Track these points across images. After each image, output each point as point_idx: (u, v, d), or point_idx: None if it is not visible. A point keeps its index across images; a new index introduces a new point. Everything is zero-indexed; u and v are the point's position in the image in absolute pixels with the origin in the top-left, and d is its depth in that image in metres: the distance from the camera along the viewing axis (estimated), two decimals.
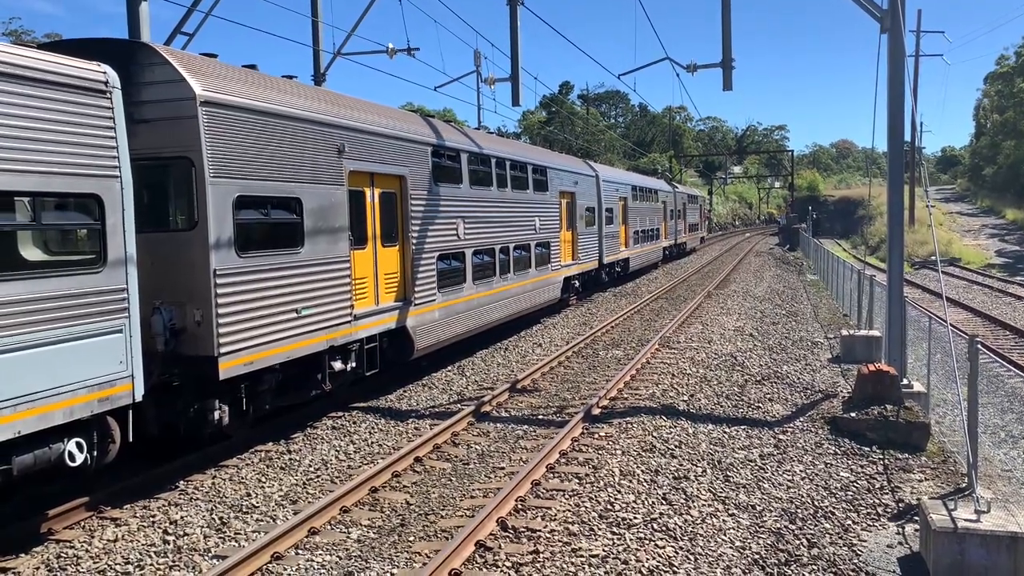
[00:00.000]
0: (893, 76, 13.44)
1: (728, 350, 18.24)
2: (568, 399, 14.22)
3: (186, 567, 7.78)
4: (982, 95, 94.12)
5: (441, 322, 16.16)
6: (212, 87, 10.17)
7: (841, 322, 22.70)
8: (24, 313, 7.41)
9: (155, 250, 9.77)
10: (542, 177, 22.88)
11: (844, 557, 7.93)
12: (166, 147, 9.98)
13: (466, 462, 10.92)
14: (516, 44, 18.75)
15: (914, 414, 11.68)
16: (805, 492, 9.63)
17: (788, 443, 11.47)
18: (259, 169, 10.84)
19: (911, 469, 10.54)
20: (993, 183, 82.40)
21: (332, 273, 12.31)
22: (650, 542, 8.08)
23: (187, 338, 9.95)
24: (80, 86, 8.06)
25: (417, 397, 14.72)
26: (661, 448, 11.10)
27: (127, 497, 9.53)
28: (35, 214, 7.71)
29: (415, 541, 8.30)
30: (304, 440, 11.96)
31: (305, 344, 11.66)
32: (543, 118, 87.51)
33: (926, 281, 37.42)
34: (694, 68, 19.64)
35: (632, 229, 35.68)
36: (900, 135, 13.70)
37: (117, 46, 10.18)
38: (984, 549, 7.38)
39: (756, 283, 34.03)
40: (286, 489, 9.91)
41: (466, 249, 17.42)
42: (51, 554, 8.08)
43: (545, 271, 22.83)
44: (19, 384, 7.36)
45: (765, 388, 14.74)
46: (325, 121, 12.34)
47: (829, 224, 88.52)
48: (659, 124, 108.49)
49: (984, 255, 51.10)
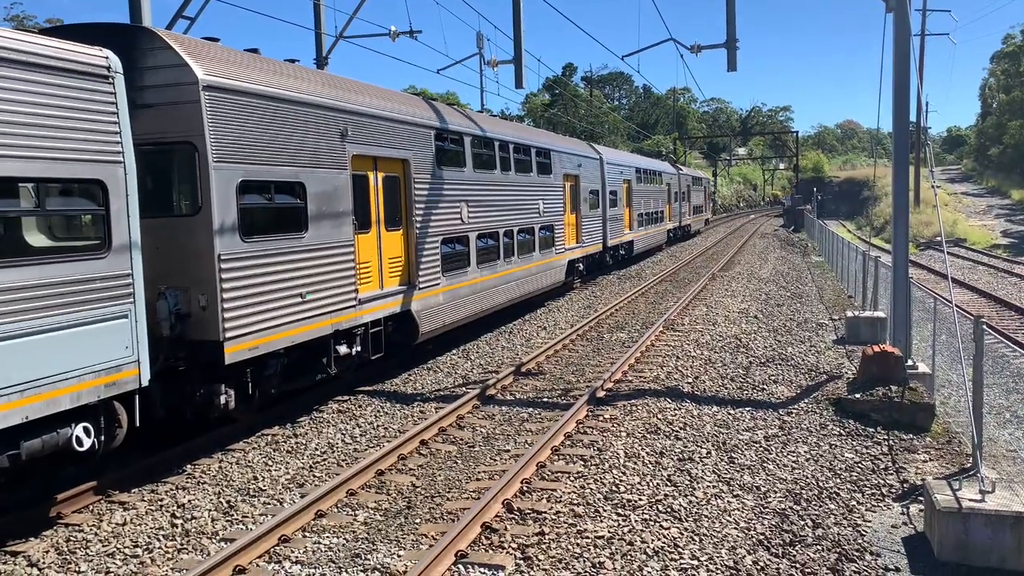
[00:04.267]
0: (898, 56, 13.35)
1: (733, 332, 18.24)
2: (573, 382, 14.25)
3: (194, 550, 7.84)
4: (988, 74, 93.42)
5: (445, 306, 16.18)
6: (214, 71, 10.14)
7: (846, 303, 22.66)
8: (30, 299, 7.44)
9: (159, 235, 9.78)
10: (546, 160, 22.81)
11: (849, 537, 7.96)
12: (169, 132, 9.97)
13: (471, 445, 10.96)
14: (519, 26, 18.66)
15: (919, 395, 11.68)
16: (810, 473, 9.65)
17: (793, 424, 11.49)
18: (262, 153, 10.83)
19: (916, 450, 10.56)
20: (999, 163, 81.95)
21: (336, 257, 12.32)
22: (655, 523, 8.11)
23: (192, 323, 9.98)
24: (82, 71, 8.04)
25: (422, 381, 14.76)
26: (666, 430, 11.12)
27: (135, 481, 9.60)
28: (39, 200, 7.72)
29: (421, 523, 8.35)
30: (310, 424, 12.01)
31: (310, 328, 11.69)
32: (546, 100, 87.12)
33: (931, 262, 37.31)
34: (698, 49, 19.52)
35: (636, 212, 35.60)
36: (905, 115, 13.62)
37: (119, 31, 10.15)
38: (989, 529, 7.40)
39: (761, 265, 33.96)
40: (293, 472, 9.96)
41: (470, 233, 17.40)
42: (60, 538, 8.15)
43: (549, 254, 22.81)
44: (26, 370, 7.39)
45: (770, 370, 14.75)
46: (328, 105, 12.31)
47: (834, 205, 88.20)
48: (663, 106, 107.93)
49: (990, 235, 50.92)
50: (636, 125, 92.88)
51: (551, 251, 22.99)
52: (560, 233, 23.82)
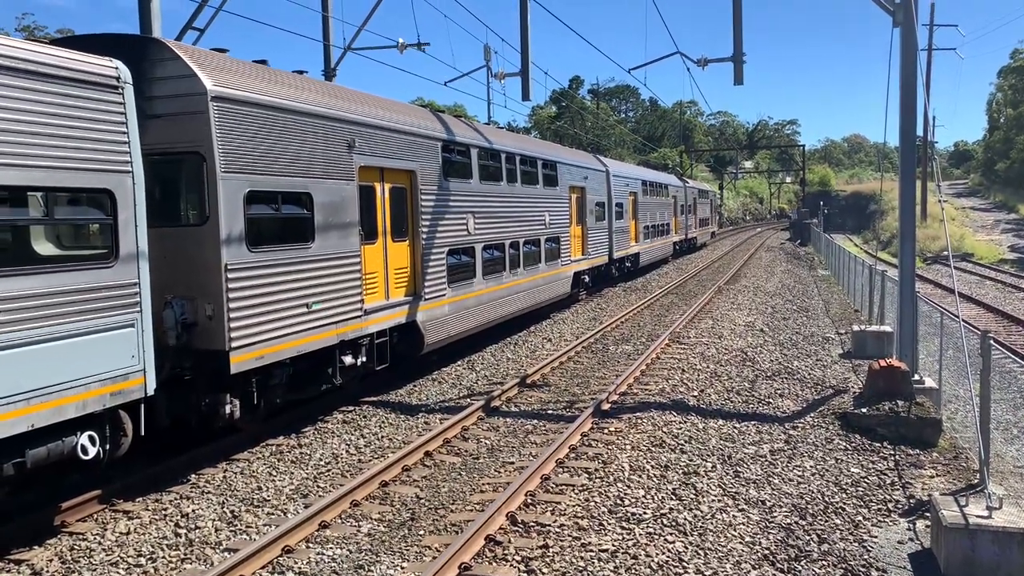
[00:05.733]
0: (906, 70, 13.37)
1: (739, 345, 18.20)
2: (578, 394, 14.22)
3: (198, 560, 7.82)
4: (995, 89, 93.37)
5: (451, 317, 16.18)
6: (223, 82, 10.19)
7: (852, 317, 22.60)
8: (37, 307, 7.47)
9: (166, 245, 9.81)
10: (552, 172, 22.86)
11: (855, 553, 7.91)
12: (177, 142, 10.02)
13: (476, 456, 10.94)
14: (526, 38, 18.73)
15: (925, 410, 11.63)
16: (815, 488, 9.60)
17: (799, 438, 11.44)
18: (270, 164, 10.88)
19: (922, 465, 10.50)
20: (1006, 178, 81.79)
21: (342, 268, 12.34)
22: (660, 537, 8.08)
23: (198, 332, 10.00)
24: (92, 81, 8.09)
25: (427, 392, 14.75)
26: (671, 443, 11.09)
27: (139, 490, 9.60)
28: (48, 209, 7.75)
29: (425, 535, 8.33)
30: (314, 434, 12.00)
31: (315, 339, 11.70)
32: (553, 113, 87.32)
33: (938, 276, 37.20)
34: (705, 62, 19.58)
35: (642, 224, 35.61)
36: (912, 130, 13.62)
37: (129, 42, 10.22)
38: (996, 545, 7.35)
39: (767, 278, 33.91)
40: (297, 482, 9.95)
41: (476, 244, 17.42)
42: (64, 546, 8.15)
43: (555, 266, 22.82)
44: (33, 378, 7.41)
45: (776, 384, 14.70)
46: (335, 116, 12.36)
47: (841, 219, 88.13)
48: (670, 119, 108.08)
49: (997, 250, 50.77)
50: (642, 138, 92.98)
51: (557, 263, 22.99)
52: (566, 245, 23.83)
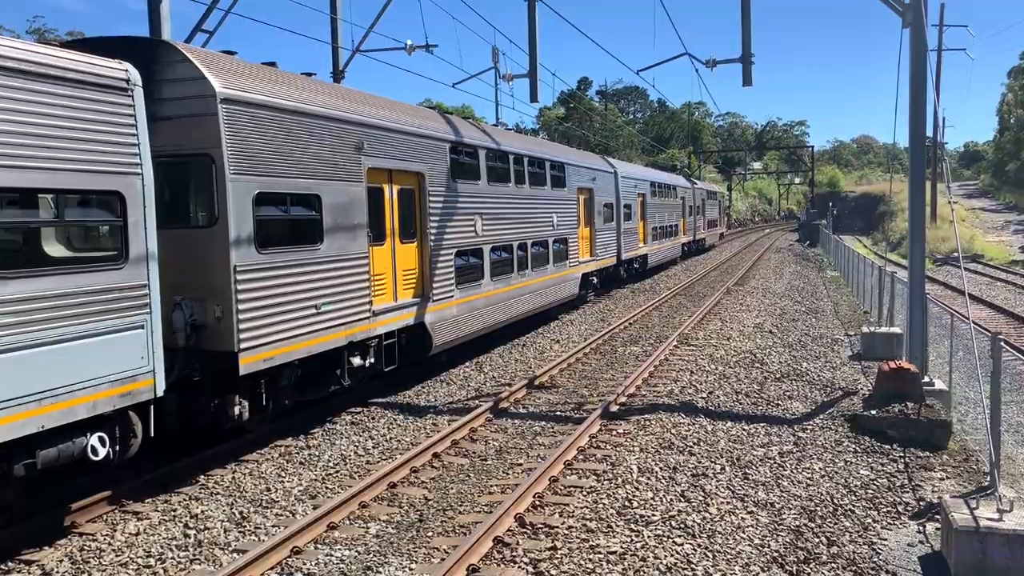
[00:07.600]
0: (915, 71, 13.32)
1: (747, 347, 18.15)
2: (586, 396, 14.21)
3: (207, 561, 7.85)
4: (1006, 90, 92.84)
5: (459, 318, 16.19)
6: (232, 84, 10.23)
7: (862, 319, 22.52)
8: (48, 309, 7.50)
9: (176, 246, 9.84)
10: (560, 173, 22.85)
11: (864, 556, 7.88)
12: (187, 144, 10.06)
13: (484, 458, 10.94)
14: (534, 40, 18.75)
15: (935, 412, 11.57)
16: (825, 490, 9.57)
17: (807, 440, 11.40)
18: (279, 166, 10.91)
19: (932, 467, 10.45)
20: (1017, 179, 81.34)
21: (351, 269, 12.37)
22: (668, 539, 8.06)
23: (208, 334, 10.03)
24: (102, 84, 8.13)
25: (435, 393, 14.76)
26: (679, 445, 11.06)
27: (148, 491, 9.63)
28: (58, 211, 7.79)
29: (433, 536, 8.33)
30: (323, 435, 12.03)
31: (324, 340, 11.72)
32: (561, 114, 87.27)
33: (948, 278, 37.01)
34: (713, 64, 19.51)
35: (651, 225, 35.57)
36: (922, 130, 13.56)
37: (138, 44, 10.27)
38: (1007, 548, 7.31)
39: (776, 280, 33.82)
40: (305, 484, 9.97)
41: (484, 245, 17.43)
42: (74, 547, 8.18)
43: (563, 267, 22.81)
44: (44, 379, 7.45)
45: (784, 385, 14.66)
46: (344, 118, 12.39)
47: (850, 220, 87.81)
48: (678, 120, 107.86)
49: (1008, 251, 50.50)
50: (651, 139, 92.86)
51: (565, 264, 22.98)
52: (574, 246, 23.82)
